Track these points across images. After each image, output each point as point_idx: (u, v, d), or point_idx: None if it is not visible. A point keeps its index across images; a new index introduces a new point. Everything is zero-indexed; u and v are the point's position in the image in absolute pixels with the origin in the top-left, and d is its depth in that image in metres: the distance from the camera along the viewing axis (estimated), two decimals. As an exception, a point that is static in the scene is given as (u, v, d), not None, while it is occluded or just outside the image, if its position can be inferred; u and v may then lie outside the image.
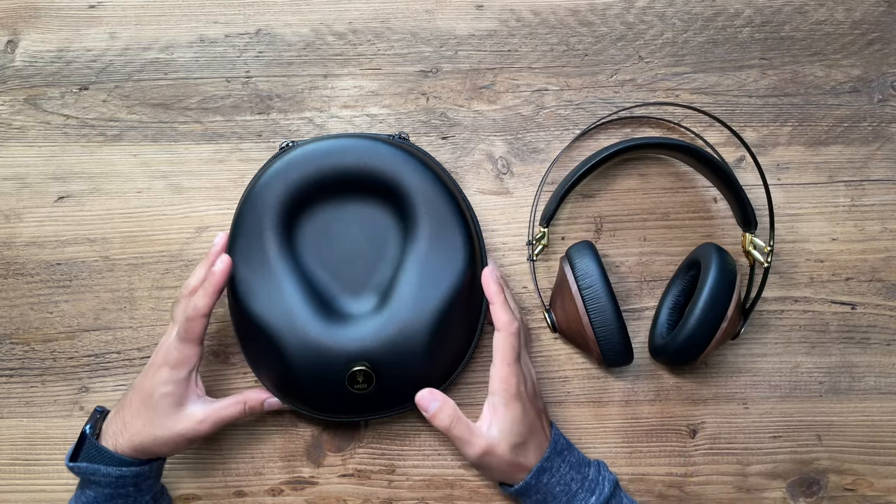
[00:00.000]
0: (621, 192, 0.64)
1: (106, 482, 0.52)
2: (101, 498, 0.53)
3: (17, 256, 0.64)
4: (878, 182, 0.63)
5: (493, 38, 0.65)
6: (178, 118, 0.64)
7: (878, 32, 0.64)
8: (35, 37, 0.65)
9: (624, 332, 0.55)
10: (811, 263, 0.63)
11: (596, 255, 0.56)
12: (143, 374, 0.55)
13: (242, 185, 0.64)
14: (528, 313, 0.63)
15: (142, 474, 0.54)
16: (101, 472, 0.52)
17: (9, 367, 0.63)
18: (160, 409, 0.53)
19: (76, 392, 0.63)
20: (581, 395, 0.62)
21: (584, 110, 0.64)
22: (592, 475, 0.55)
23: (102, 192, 0.64)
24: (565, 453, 0.56)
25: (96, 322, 0.63)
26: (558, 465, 0.55)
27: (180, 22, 0.65)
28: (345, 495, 0.62)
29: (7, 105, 0.65)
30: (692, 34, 0.64)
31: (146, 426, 0.53)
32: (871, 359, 0.62)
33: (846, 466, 0.61)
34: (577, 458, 0.56)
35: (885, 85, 0.64)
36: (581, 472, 0.55)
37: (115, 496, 0.53)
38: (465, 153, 0.64)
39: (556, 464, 0.55)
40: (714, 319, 0.54)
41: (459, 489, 0.62)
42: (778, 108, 0.64)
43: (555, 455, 0.55)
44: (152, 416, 0.53)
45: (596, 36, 0.64)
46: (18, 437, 0.62)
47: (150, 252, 0.63)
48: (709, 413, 0.62)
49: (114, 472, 0.52)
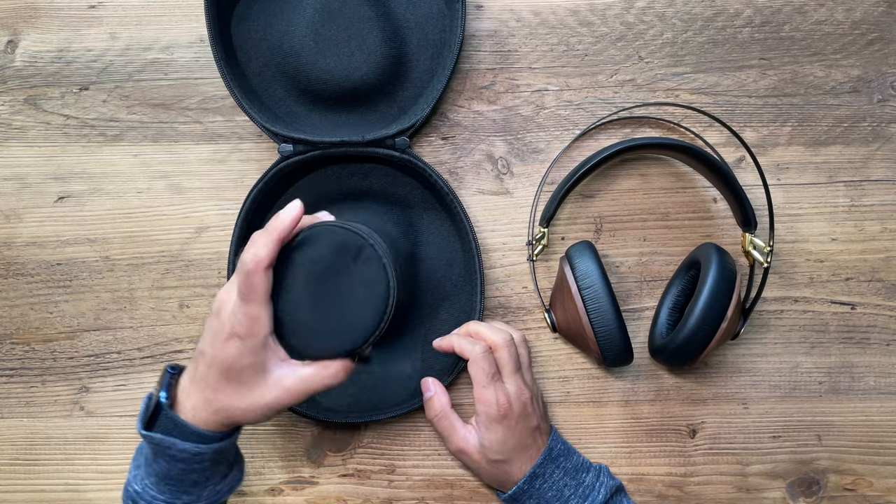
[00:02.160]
0: (621, 193, 0.64)
1: (182, 457, 0.47)
2: (175, 472, 0.48)
3: (17, 256, 0.64)
4: (878, 182, 0.63)
5: (493, 38, 0.65)
6: (178, 118, 0.64)
7: (878, 32, 0.64)
8: (35, 37, 0.65)
9: (624, 332, 0.55)
10: (811, 263, 0.63)
11: (596, 256, 0.56)
12: (212, 341, 0.47)
13: (242, 185, 0.64)
14: (528, 313, 0.63)
15: (220, 450, 0.49)
16: (178, 447, 0.47)
17: (9, 367, 0.63)
18: (244, 381, 0.47)
19: (76, 392, 0.63)
20: (581, 395, 0.62)
21: (584, 110, 0.64)
22: (589, 481, 0.56)
23: (103, 192, 0.64)
24: (561, 459, 0.56)
25: (96, 322, 0.63)
26: (552, 472, 0.55)
27: (180, 22, 0.65)
28: (345, 495, 0.62)
29: (7, 105, 0.65)
30: (692, 34, 0.64)
31: (232, 399, 0.47)
32: (871, 359, 0.62)
33: (846, 466, 0.61)
34: (575, 463, 0.56)
35: (884, 85, 0.64)
36: (576, 478, 0.55)
37: (190, 471, 0.48)
38: (465, 153, 0.64)
39: (550, 470, 0.55)
40: (714, 319, 0.54)
41: (459, 489, 0.62)
42: (778, 109, 0.64)
43: (549, 461, 0.55)
44: (237, 388, 0.47)
45: (596, 36, 0.64)
46: (18, 437, 0.62)
47: (151, 252, 0.63)
48: (709, 413, 0.62)
49: (191, 449, 0.47)
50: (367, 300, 0.47)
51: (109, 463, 0.62)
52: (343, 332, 0.47)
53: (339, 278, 0.47)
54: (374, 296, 0.47)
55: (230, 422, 0.48)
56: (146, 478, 0.49)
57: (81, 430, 0.62)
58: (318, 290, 0.47)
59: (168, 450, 0.47)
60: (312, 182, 0.63)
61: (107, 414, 0.62)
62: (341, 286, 0.47)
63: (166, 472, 0.48)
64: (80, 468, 0.62)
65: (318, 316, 0.47)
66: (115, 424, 0.62)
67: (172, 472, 0.48)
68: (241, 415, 0.48)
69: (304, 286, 0.47)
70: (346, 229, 0.47)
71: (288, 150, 0.60)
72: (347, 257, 0.47)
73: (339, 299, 0.47)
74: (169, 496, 0.49)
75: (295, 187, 0.63)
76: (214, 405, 0.47)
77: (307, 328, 0.48)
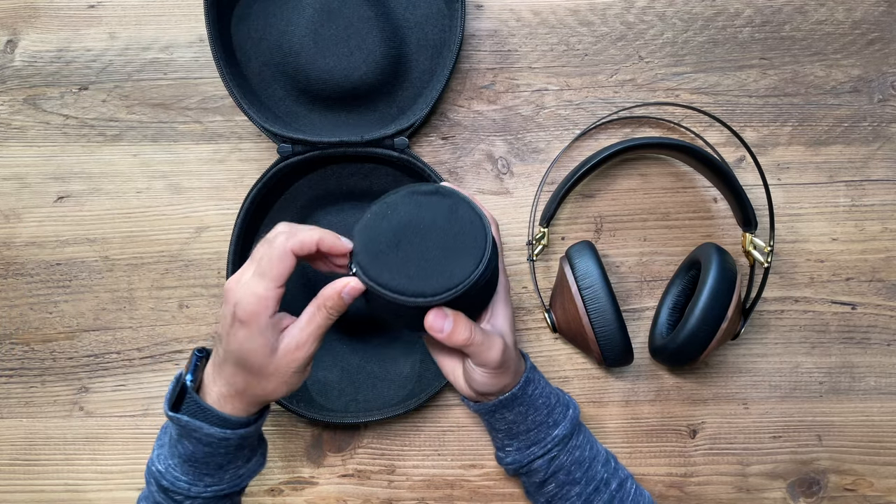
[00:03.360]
0: (621, 192, 0.63)
1: (207, 441, 0.47)
2: (200, 454, 0.48)
3: (16, 256, 0.64)
4: (879, 182, 0.63)
5: (493, 38, 0.65)
6: (177, 118, 0.64)
7: (879, 32, 0.64)
8: (35, 37, 0.65)
9: (624, 333, 0.55)
10: (811, 263, 0.63)
11: (596, 256, 0.56)
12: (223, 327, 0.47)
13: (242, 184, 0.63)
14: (529, 313, 0.63)
15: (246, 435, 0.49)
16: (204, 431, 0.47)
17: (8, 368, 0.63)
18: (258, 363, 0.46)
19: (76, 392, 0.63)
20: (581, 395, 0.62)
21: (584, 110, 0.64)
22: (559, 392, 0.56)
23: (102, 192, 0.64)
24: (539, 371, 0.56)
25: (96, 322, 0.63)
26: (538, 378, 0.55)
27: (180, 22, 0.65)
28: (345, 495, 0.62)
29: (6, 105, 0.65)
30: (692, 34, 0.64)
31: (251, 384, 0.47)
32: (872, 359, 0.62)
33: (846, 467, 0.61)
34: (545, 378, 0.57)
35: (885, 85, 0.64)
36: (553, 389, 0.56)
37: (215, 454, 0.48)
38: (465, 153, 0.64)
39: (537, 376, 0.55)
40: (714, 319, 0.54)
41: (459, 489, 0.61)
42: (778, 108, 0.64)
43: (533, 368, 0.55)
44: (252, 373, 0.47)
45: (596, 36, 0.64)
46: (18, 437, 0.62)
47: (150, 252, 0.63)
48: (709, 413, 0.62)
49: (217, 434, 0.47)
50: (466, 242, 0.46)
51: (109, 463, 0.62)
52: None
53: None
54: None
55: (257, 402, 0.48)
56: (170, 458, 0.49)
57: (81, 430, 0.62)
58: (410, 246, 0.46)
59: (194, 433, 0.47)
60: (312, 182, 0.63)
61: (106, 414, 0.62)
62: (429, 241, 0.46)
63: (191, 454, 0.48)
64: (79, 468, 0.62)
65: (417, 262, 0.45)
66: (114, 424, 0.62)
67: (197, 455, 0.48)
68: (265, 394, 0.48)
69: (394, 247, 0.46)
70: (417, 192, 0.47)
71: (287, 150, 0.59)
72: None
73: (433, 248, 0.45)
74: (192, 477, 0.48)
75: (295, 187, 0.63)
76: (236, 387, 0.47)
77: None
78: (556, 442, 0.53)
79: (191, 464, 0.48)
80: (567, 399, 0.56)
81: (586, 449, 0.54)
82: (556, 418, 0.54)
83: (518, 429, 0.54)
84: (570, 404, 0.55)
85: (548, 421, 0.53)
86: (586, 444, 0.55)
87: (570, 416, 0.54)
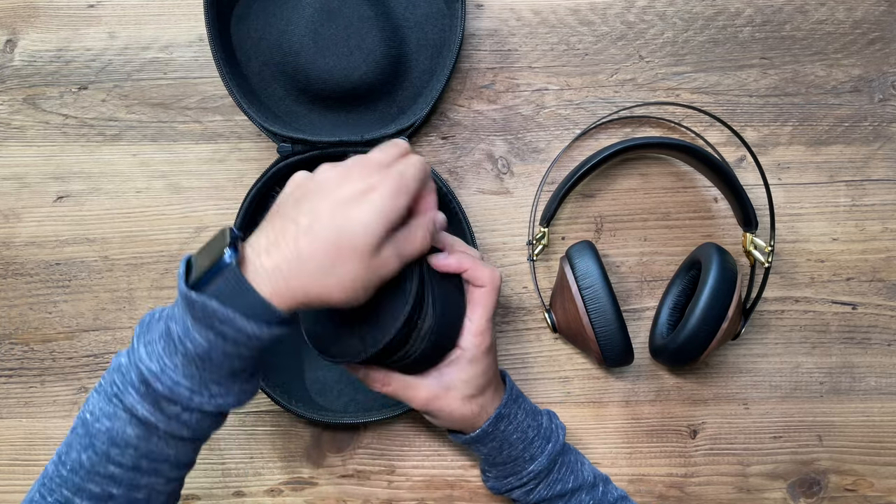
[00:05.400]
0: (621, 192, 0.63)
1: (232, 336, 0.39)
2: (216, 353, 0.39)
3: (16, 256, 0.64)
4: (879, 182, 0.63)
5: (493, 38, 0.64)
6: (177, 118, 0.64)
7: (879, 32, 0.64)
8: (34, 36, 0.65)
9: (624, 333, 0.55)
10: (812, 263, 0.63)
11: (596, 255, 0.56)
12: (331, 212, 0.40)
13: (242, 184, 0.63)
14: (529, 313, 0.63)
15: (276, 338, 0.41)
16: (237, 324, 0.38)
17: (8, 368, 0.63)
18: (364, 260, 0.40)
19: (75, 392, 0.62)
20: (581, 395, 0.62)
21: (584, 110, 0.64)
22: (546, 423, 0.55)
23: (101, 191, 0.64)
24: (520, 400, 0.55)
25: (95, 322, 0.63)
26: (515, 412, 0.54)
27: (180, 21, 0.65)
28: (344, 496, 0.61)
29: (6, 105, 0.64)
30: (693, 33, 0.64)
31: (341, 280, 0.40)
32: (872, 359, 0.62)
33: (847, 467, 0.61)
34: (530, 406, 0.56)
35: (885, 84, 0.64)
36: (536, 420, 0.55)
37: (237, 355, 0.40)
38: (465, 153, 0.64)
39: (514, 410, 0.54)
40: (715, 319, 0.54)
41: (459, 489, 0.61)
42: (778, 108, 0.64)
43: (511, 402, 0.54)
44: (353, 267, 0.40)
45: (596, 35, 0.64)
46: (18, 437, 0.62)
47: (150, 252, 0.63)
48: (709, 413, 0.62)
49: (250, 331, 0.38)
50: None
51: (108, 463, 0.62)
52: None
53: None
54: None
55: (320, 302, 0.41)
56: (167, 356, 0.40)
57: (80, 430, 0.62)
58: None
59: (221, 324, 0.38)
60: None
61: (106, 414, 0.62)
62: None
63: (205, 351, 0.39)
64: (79, 468, 0.62)
65: None
66: (114, 425, 0.62)
67: (213, 354, 0.39)
68: (340, 296, 0.41)
69: None
70: None
71: (287, 150, 0.59)
72: None
73: None
74: (195, 383, 0.40)
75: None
76: (308, 279, 0.39)
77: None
78: (533, 476, 0.53)
79: (199, 365, 0.40)
80: (551, 430, 0.55)
81: (569, 481, 0.54)
82: (533, 453, 0.53)
83: (495, 460, 0.54)
84: (552, 437, 0.54)
85: (524, 455, 0.53)
86: (569, 475, 0.54)
87: (548, 452, 0.54)
